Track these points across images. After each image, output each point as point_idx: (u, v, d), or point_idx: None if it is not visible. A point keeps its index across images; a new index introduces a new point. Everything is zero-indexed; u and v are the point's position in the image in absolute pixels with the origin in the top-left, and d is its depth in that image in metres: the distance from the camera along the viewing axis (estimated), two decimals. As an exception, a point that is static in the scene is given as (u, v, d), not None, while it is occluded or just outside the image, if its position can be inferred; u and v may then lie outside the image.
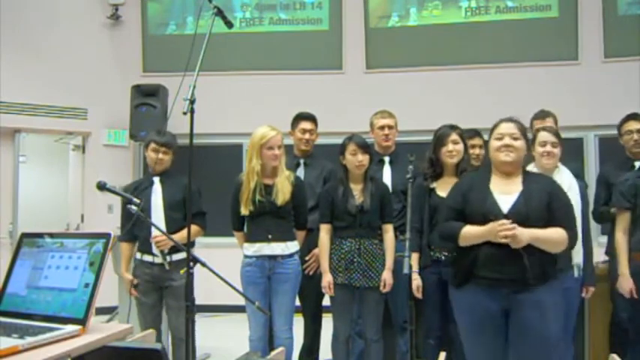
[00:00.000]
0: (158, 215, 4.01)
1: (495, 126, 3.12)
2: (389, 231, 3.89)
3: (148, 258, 4.02)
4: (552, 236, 2.91)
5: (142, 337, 2.58)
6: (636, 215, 3.71)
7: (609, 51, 7.19)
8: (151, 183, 4.10)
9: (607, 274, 4.06)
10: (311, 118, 4.55)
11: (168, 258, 3.94)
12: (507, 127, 3.07)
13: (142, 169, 7.68)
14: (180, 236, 3.82)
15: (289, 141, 4.42)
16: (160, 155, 4.08)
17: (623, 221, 3.75)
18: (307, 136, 4.49)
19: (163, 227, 3.91)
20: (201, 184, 4.21)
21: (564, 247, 2.94)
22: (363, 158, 3.85)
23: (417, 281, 3.67)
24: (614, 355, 2.69)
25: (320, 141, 4.67)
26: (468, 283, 2.99)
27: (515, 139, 3.04)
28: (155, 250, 3.97)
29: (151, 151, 4.11)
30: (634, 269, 3.65)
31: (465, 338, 3.09)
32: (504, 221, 2.83)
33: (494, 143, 3.08)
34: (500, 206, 2.95)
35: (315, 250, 4.11)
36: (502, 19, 7.52)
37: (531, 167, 3.60)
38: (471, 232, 2.96)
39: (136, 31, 7.97)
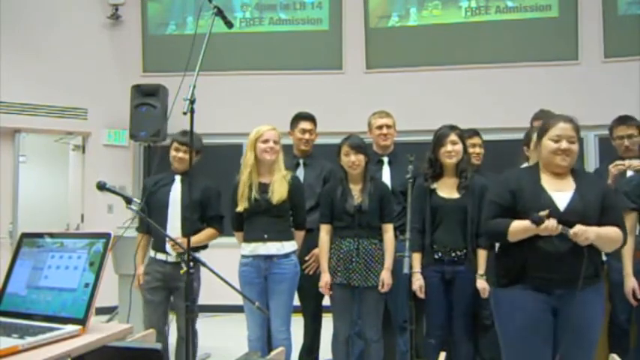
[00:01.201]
0: (175, 213, 4.04)
1: (550, 124, 2.98)
2: (389, 231, 3.88)
3: (161, 256, 4.05)
4: (612, 234, 2.87)
5: (142, 337, 2.58)
6: None
7: (609, 51, 7.19)
8: (172, 180, 4.13)
9: (605, 274, 4.06)
10: (310, 118, 4.54)
11: (182, 258, 3.93)
12: (565, 129, 2.93)
13: (143, 169, 7.68)
14: (195, 239, 3.82)
15: (289, 141, 4.42)
16: (181, 154, 4.11)
17: (628, 222, 3.73)
18: (307, 136, 4.49)
19: (179, 225, 3.97)
20: (219, 186, 4.22)
21: (619, 245, 2.93)
22: (356, 159, 3.85)
23: (419, 281, 3.67)
24: (614, 356, 2.69)
25: (320, 141, 4.67)
26: (516, 284, 2.90)
27: (572, 142, 2.93)
28: (169, 249, 3.98)
29: (173, 150, 4.15)
30: (635, 269, 3.65)
31: (510, 341, 2.97)
32: (553, 221, 2.76)
33: (549, 144, 2.94)
34: (556, 203, 2.87)
35: (315, 250, 4.11)
36: (502, 19, 7.52)
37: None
38: (521, 227, 2.86)
39: (136, 31, 7.97)
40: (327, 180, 4.32)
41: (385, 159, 4.37)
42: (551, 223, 2.76)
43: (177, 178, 4.13)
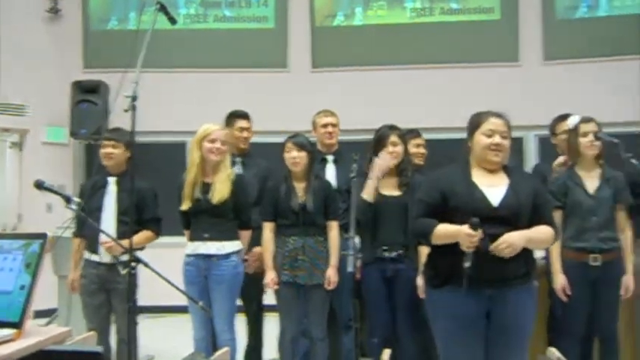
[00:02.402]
0: (109, 217, 3.94)
1: (482, 119, 2.96)
2: (333, 229, 3.90)
3: (95, 258, 3.94)
4: (542, 236, 2.90)
5: (82, 340, 2.52)
6: (566, 214, 3.83)
7: (548, 53, 7.40)
8: (106, 183, 4.02)
9: (545, 270, 4.18)
10: (247, 116, 4.53)
11: (116, 259, 3.86)
12: (498, 124, 2.93)
13: (84, 167, 7.52)
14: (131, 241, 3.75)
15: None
16: (108, 149, 3.99)
17: (555, 220, 3.86)
18: (245, 134, 4.48)
19: (114, 230, 3.86)
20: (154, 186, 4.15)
21: (551, 244, 2.96)
22: (297, 155, 3.86)
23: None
24: (552, 349, 2.77)
25: (265, 139, 4.66)
26: (448, 284, 2.90)
27: (505, 137, 2.92)
28: (102, 251, 3.89)
29: (101, 147, 4.04)
30: (563, 266, 3.78)
31: (444, 341, 2.98)
32: (473, 232, 2.72)
33: (482, 139, 2.93)
34: (489, 199, 2.87)
35: (255, 249, 4.10)
36: (446, 21, 7.64)
37: None
38: (444, 232, 2.86)
39: (77, 25, 7.77)
40: (265, 179, 4.31)
41: (330, 157, 4.38)
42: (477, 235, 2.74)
43: (112, 180, 4.02)
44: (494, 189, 2.90)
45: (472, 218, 2.74)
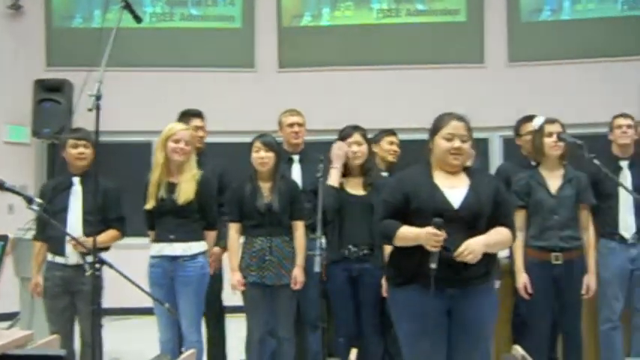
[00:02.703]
0: (75, 218, 3.89)
1: (443, 123, 2.98)
2: (299, 229, 3.91)
3: (60, 260, 3.87)
4: (501, 239, 2.95)
5: (45, 344, 2.49)
6: (529, 213, 3.88)
7: (513, 55, 7.50)
8: (71, 184, 3.95)
9: (509, 269, 4.23)
10: (201, 115, 4.49)
11: (84, 260, 3.80)
12: (458, 127, 2.96)
13: (46, 167, 7.39)
14: (98, 240, 3.69)
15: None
16: (81, 149, 3.93)
17: (518, 219, 3.91)
18: (200, 133, 4.44)
19: (80, 230, 3.81)
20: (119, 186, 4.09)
21: (509, 245, 3.01)
22: (265, 155, 3.85)
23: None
24: (517, 347, 2.82)
25: (231, 139, 4.64)
26: (412, 283, 2.92)
27: (465, 141, 2.95)
28: (69, 251, 3.82)
29: (71, 147, 3.95)
30: (525, 265, 3.83)
31: (407, 340, 3.01)
32: (438, 232, 2.76)
33: (442, 143, 2.96)
34: (450, 201, 2.91)
35: (214, 249, 4.08)
36: (412, 22, 7.69)
37: None
38: (406, 235, 2.89)
39: (39, 22, 7.62)
40: (221, 177, 4.29)
41: (296, 157, 4.38)
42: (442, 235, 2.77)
43: (76, 180, 3.96)
44: (455, 190, 2.95)
45: (435, 218, 2.78)
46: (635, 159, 4.23)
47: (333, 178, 3.81)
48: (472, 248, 2.81)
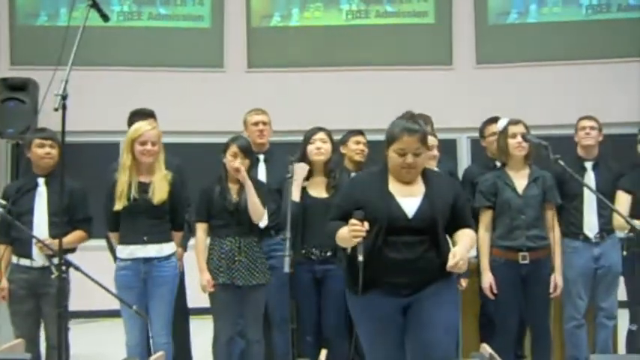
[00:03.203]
0: (41, 220, 3.84)
1: (395, 137, 2.90)
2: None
3: (25, 262, 3.82)
4: (470, 242, 2.98)
5: (9, 348, 2.44)
6: (496, 213, 3.93)
7: (481, 57, 7.58)
8: (36, 185, 3.89)
9: (476, 268, 4.28)
10: (153, 115, 4.40)
11: (50, 261, 3.74)
12: (409, 142, 2.87)
13: (10, 167, 7.24)
14: (65, 240, 3.63)
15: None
16: (47, 149, 3.90)
17: (484, 219, 3.97)
18: None
19: (46, 231, 3.77)
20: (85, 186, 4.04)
21: (475, 243, 3.04)
22: (243, 162, 3.82)
23: None
24: (485, 345, 2.85)
25: (200, 140, 4.62)
26: (366, 290, 2.89)
27: (417, 155, 2.90)
28: (35, 254, 3.76)
29: (37, 147, 3.90)
30: (493, 264, 3.88)
31: (367, 341, 3.03)
32: (358, 223, 2.75)
33: (394, 158, 2.90)
34: (405, 210, 2.88)
35: (177, 250, 4.04)
36: (381, 24, 7.72)
37: None
38: (339, 233, 2.89)
39: (3, 20, 7.47)
40: (177, 176, 4.25)
41: (261, 157, 4.37)
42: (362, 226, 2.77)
43: (41, 181, 3.91)
44: (410, 199, 2.91)
45: (355, 211, 2.80)
46: (599, 160, 4.32)
47: (295, 194, 3.77)
48: (460, 256, 2.79)
